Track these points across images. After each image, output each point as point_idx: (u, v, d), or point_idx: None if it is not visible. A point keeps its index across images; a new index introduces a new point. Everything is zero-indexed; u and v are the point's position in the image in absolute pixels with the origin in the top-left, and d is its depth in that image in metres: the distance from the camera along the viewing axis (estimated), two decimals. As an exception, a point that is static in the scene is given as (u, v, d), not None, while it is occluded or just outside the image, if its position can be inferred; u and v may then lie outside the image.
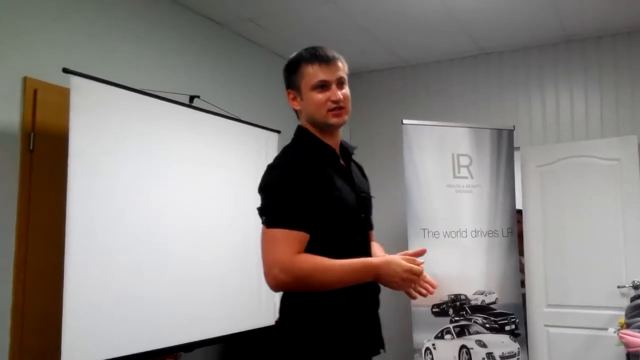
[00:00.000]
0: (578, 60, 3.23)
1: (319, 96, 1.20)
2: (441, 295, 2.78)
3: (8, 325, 1.83)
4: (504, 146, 3.03)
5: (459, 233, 2.87)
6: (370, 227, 1.33)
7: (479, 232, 2.90)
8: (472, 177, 2.94)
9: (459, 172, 2.92)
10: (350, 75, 1.22)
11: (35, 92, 1.96)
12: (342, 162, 1.27)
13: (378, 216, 4.71)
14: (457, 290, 2.81)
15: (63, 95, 1.86)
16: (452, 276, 2.80)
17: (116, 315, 1.87)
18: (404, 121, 2.89)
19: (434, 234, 2.82)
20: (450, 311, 2.77)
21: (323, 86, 1.20)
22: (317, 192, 1.15)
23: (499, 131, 3.05)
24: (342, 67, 1.24)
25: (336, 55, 1.23)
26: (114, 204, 1.91)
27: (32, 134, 1.94)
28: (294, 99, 1.26)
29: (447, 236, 2.84)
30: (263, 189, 1.18)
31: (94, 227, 1.84)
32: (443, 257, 2.80)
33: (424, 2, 2.72)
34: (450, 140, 2.94)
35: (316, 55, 1.22)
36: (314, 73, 1.20)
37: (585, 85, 3.21)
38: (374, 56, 3.48)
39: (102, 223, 1.87)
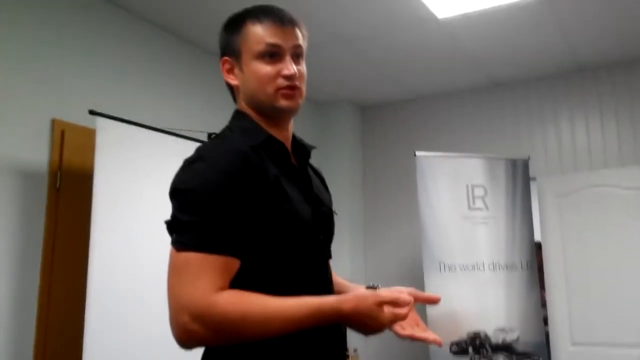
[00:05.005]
0: (592, 88, 3.37)
1: (266, 68, 0.91)
2: (460, 332, 2.82)
3: None
4: (520, 176, 3.14)
5: (476, 266, 2.94)
6: (329, 254, 1.02)
7: (497, 265, 2.97)
8: (487, 209, 3.04)
9: (474, 204, 3.02)
10: (362, 108, 1.07)
11: (62, 133, 2.18)
12: (294, 161, 0.97)
13: (393, 250, 4.76)
14: (476, 327, 2.85)
15: (88, 136, 2.08)
16: (470, 312, 2.86)
17: (139, 350, 1.99)
18: (417, 153, 3.03)
19: (450, 268, 2.90)
20: (470, 349, 2.81)
21: (273, 55, 0.91)
22: (254, 198, 0.84)
23: (514, 161, 3.16)
24: (301, 36, 0.94)
25: (295, 18, 0.94)
26: (136, 238, 2.08)
27: (58, 172, 2.15)
28: (230, 70, 0.96)
29: (464, 269, 2.92)
30: (173, 193, 0.86)
31: (116, 262, 2.01)
32: (460, 291, 2.87)
33: (433, 36, 2.92)
34: (464, 171, 3.06)
35: (266, 12, 0.93)
36: (261, 35, 0.91)
37: (600, 113, 3.33)
38: (385, 90, 3.69)
39: (124, 258, 2.03)
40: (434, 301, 0.89)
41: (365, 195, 3.94)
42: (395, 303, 0.80)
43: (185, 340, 0.80)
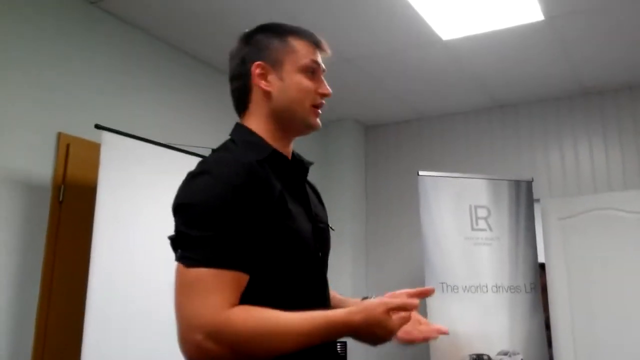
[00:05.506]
0: (596, 111, 3.39)
1: (309, 82, 0.96)
2: (462, 354, 2.77)
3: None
4: (523, 198, 3.13)
5: (479, 288, 2.91)
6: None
7: (500, 287, 2.94)
8: (491, 230, 3.02)
9: (477, 224, 3.01)
10: (366, 127, 1.16)
11: (67, 146, 2.20)
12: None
13: (394, 269, 4.71)
14: (478, 350, 2.81)
15: (93, 150, 2.10)
16: (473, 334, 2.82)
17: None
18: (420, 172, 3.04)
19: (452, 289, 2.87)
20: (473, 372, 2.76)
21: (313, 71, 0.97)
22: (260, 212, 0.83)
23: (517, 182, 3.16)
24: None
25: (325, 44, 1.02)
26: (136, 253, 2.08)
27: (62, 186, 2.16)
28: (263, 75, 0.95)
29: (466, 291, 2.89)
30: (177, 208, 0.85)
31: (116, 277, 2.01)
32: (463, 313, 2.84)
33: (438, 57, 2.96)
34: (467, 191, 3.06)
35: (306, 32, 0.99)
36: (306, 51, 0.97)
37: (604, 136, 3.34)
38: (390, 109, 3.72)
39: (124, 272, 2.03)
40: (428, 293, 0.93)
41: (368, 214, 3.93)
42: (402, 308, 0.82)
43: (198, 358, 0.78)
